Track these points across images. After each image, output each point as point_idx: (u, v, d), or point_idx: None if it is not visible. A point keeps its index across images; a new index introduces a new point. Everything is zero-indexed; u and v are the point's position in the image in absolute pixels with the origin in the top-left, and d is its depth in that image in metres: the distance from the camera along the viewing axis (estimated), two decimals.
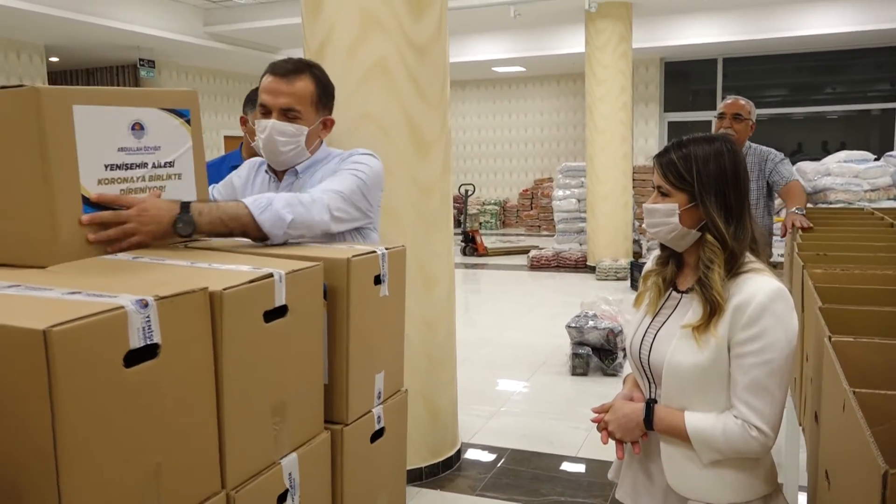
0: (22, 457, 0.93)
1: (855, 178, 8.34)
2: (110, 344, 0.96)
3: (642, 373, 1.55)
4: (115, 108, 1.38)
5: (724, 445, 1.39)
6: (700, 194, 1.43)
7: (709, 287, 1.40)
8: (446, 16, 3.37)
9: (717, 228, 1.42)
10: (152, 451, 1.04)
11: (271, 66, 1.85)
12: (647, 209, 1.50)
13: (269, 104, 1.82)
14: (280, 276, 1.25)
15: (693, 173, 1.43)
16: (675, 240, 1.49)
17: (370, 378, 1.54)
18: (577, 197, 9.82)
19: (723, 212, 1.42)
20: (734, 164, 1.44)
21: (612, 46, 8.68)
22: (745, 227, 1.44)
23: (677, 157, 1.46)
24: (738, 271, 1.42)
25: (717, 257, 1.41)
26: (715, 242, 1.42)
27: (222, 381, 1.15)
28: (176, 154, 1.51)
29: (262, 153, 1.88)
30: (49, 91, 1.26)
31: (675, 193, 1.46)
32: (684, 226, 1.46)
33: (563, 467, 3.59)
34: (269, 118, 1.82)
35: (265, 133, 1.81)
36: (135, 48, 9.92)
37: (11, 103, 1.27)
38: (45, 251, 1.28)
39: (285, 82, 1.82)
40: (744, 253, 1.43)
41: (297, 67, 1.84)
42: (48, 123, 1.25)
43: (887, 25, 9.67)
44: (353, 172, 1.79)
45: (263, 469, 1.26)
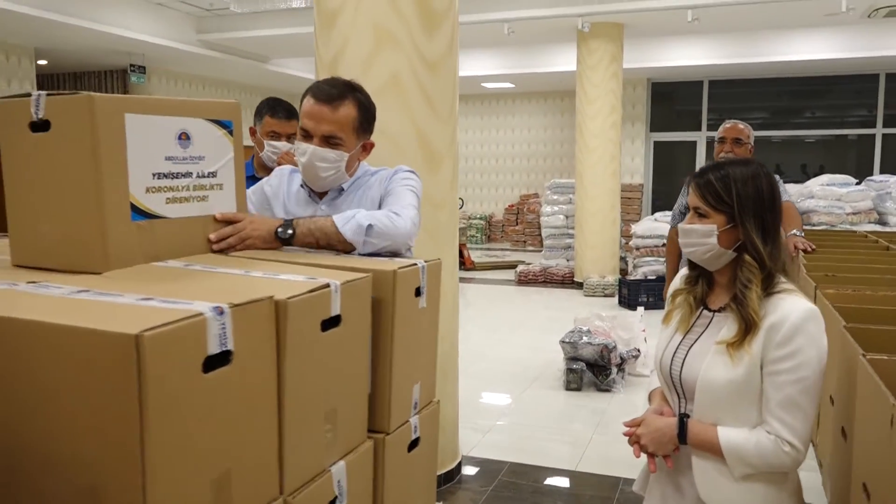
0: (106, 461, 0.94)
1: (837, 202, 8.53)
2: (192, 349, 0.98)
3: (672, 388, 1.59)
4: (163, 117, 1.39)
5: (756, 460, 1.44)
6: (740, 216, 1.48)
7: (746, 306, 1.44)
8: (457, 32, 3.43)
9: (755, 249, 1.47)
10: (224, 457, 1.06)
11: (315, 89, 1.84)
12: (684, 229, 1.54)
13: (311, 130, 1.82)
14: (336, 286, 1.28)
15: (732, 195, 1.48)
16: (710, 260, 1.54)
17: (409, 388, 1.57)
18: (565, 213, 9.91)
19: (760, 233, 1.47)
20: (770, 185, 1.49)
21: (603, 66, 8.81)
22: (780, 248, 1.49)
23: (715, 179, 1.50)
24: (771, 291, 1.47)
25: (755, 277, 1.46)
26: (753, 263, 1.47)
27: (284, 388, 1.18)
28: (218, 164, 1.52)
29: (303, 175, 1.91)
30: (103, 99, 1.28)
31: (714, 215, 1.51)
32: (722, 246, 1.50)
33: (562, 481, 3.62)
34: (310, 142, 1.83)
35: (305, 157, 1.83)
36: (126, 53, 9.87)
37: (65, 110, 1.28)
38: (94, 258, 1.29)
39: (329, 109, 1.81)
40: (779, 273, 1.48)
41: (340, 93, 1.83)
42: (101, 131, 1.27)
43: (866, 54, 9.92)
44: (411, 189, 1.84)
45: (316, 476, 1.28)
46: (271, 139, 2.93)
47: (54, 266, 1.32)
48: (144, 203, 1.35)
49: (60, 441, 0.96)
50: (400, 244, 1.75)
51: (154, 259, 1.37)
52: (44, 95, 1.30)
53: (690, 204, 1.55)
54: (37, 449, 0.98)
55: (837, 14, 7.78)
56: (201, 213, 1.48)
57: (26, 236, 1.36)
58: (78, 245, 1.30)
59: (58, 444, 0.96)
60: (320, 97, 1.82)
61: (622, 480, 3.55)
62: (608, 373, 4.97)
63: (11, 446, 0.99)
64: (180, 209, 1.43)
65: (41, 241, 1.34)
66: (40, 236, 1.34)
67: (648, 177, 12.96)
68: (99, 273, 1.28)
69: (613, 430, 4.35)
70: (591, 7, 8.14)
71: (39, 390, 0.96)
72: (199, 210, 1.47)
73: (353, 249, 1.67)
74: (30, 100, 1.30)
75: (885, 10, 7.88)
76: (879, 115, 11.63)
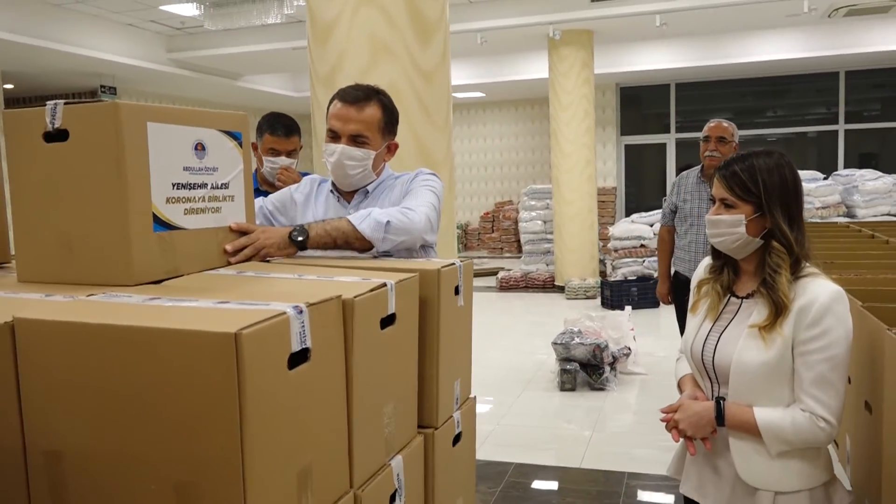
0: (205, 458, 0.97)
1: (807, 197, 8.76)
2: (279, 347, 1.02)
3: (705, 374, 1.66)
4: (181, 126, 1.37)
5: (793, 437, 1.51)
6: (767, 204, 1.55)
7: (776, 290, 1.52)
8: (449, 42, 3.50)
9: (784, 236, 1.54)
10: (306, 451, 1.10)
11: (341, 94, 1.93)
12: (711, 220, 1.61)
13: (339, 130, 1.91)
14: (391, 285, 1.32)
15: (759, 185, 1.55)
16: (738, 248, 1.61)
17: (452, 384, 1.62)
18: (543, 218, 10.03)
19: (787, 220, 1.55)
20: (793, 174, 1.57)
21: (575, 72, 8.97)
22: (805, 234, 1.57)
23: (741, 170, 1.58)
24: (798, 275, 1.54)
25: (784, 262, 1.53)
26: (782, 249, 1.54)
27: (351, 384, 1.22)
28: (230, 176, 1.52)
29: (332, 175, 1.97)
30: (127, 106, 1.26)
31: (741, 205, 1.58)
32: (750, 235, 1.57)
33: (569, 478, 3.68)
34: (338, 143, 1.90)
35: (334, 157, 1.90)
36: (96, 74, 9.78)
37: (86, 119, 1.26)
38: (118, 270, 1.27)
39: (355, 109, 1.90)
40: (807, 257, 1.56)
41: (366, 94, 1.93)
42: (126, 140, 1.25)
43: (826, 52, 10.23)
44: (430, 189, 1.88)
45: (378, 470, 1.32)
46: (271, 156, 2.97)
47: (71, 280, 1.30)
48: (165, 214, 1.34)
49: (159, 443, 0.98)
50: (416, 240, 1.80)
51: (174, 271, 1.35)
52: (61, 104, 1.28)
53: (717, 195, 1.62)
54: (134, 452, 1.00)
55: (799, 14, 8.03)
56: (215, 224, 1.47)
57: (36, 251, 1.33)
58: (100, 258, 1.28)
59: (156, 445, 0.99)
60: (347, 99, 1.91)
61: (627, 475, 3.63)
62: (601, 372, 5.06)
63: (106, 450, 1.02)
64: (197, 220, 1.42)
65: (55, 254, 1.31)
66: (54, 250, 1.31)
67: (621, 180, 13.16)
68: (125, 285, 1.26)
69: (611, 427, 4.43)
70: (561, 15, 8.29)
71: (134, 394, 0.99)
72: (213, 222, 1.46)
73: (371, 247, 1.70)
74: (44, 109, 1.28)
75: (845, 10, 8.15)
76: (840, 112, 11.98)
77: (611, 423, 4.51)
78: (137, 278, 1.28)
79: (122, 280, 1.27)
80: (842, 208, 8.53)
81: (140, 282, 1.28)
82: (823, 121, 12.34)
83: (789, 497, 1.55)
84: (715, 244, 1.64)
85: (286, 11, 7.15)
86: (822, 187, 8.53)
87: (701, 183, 3.76)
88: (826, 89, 12.14)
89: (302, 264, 1.54)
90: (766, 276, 1.56)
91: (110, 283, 1.26)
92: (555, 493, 3.54)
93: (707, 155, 3.70)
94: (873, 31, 9.87)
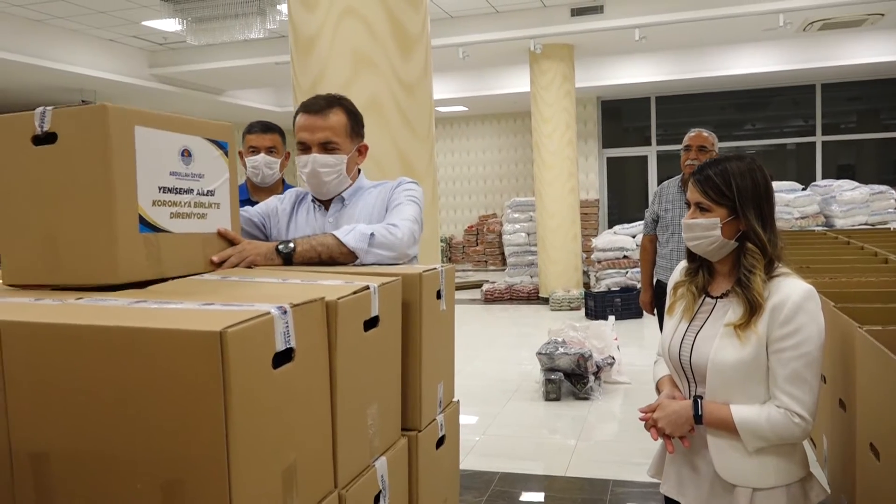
0: (191, 456, 0.98)
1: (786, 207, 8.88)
2: (264, 346, 1.04)
3: (683, 373, 1.70)
4: (168, 132, 1.39)
5: (769, 433, 1.54)
6: (741, 207, 1.60)
7: (751, 289, 1.56)
8: (431, 55, 3.54)
9: (758, 237, 1.59)
10: (290, 450, 1.11)
11: (304, 106, 1.98)
12: (687, 224, 1.66)
13: (308, 140, 1.94)
14: (374, 288, 1.34)
15: (732, 188, 1.60)
16: (714, 251, 1.65)
17: (435, 387, 1.64)
18: (527, 231, 10.09)
19: (760, 221, 1.59)
20: (764, 177, 1.62)
21: (556, 85, 9.06)
22: (777, 235, 1.62)
23: (715, 174, 1.62)
24: (771, 275, 1.59)
25: (759, 262, 1.58)
26: (756, 250, 1.59)
27: (335, 385, 1.23)
28: (216, 184, 1.53)
29: (308, 185, 2.00)
30: (115, 110, 1.27)
31: (716, 208, 1.62)
32: (725, 237, 1.62)
33: (554, 487, 3.69)
34: (310, 153, 1.94)
35: (308, 168, 1.93)
36: (77, 90, 9.75)
37: (75, 122, 1.27)
38: (103, 270, 1.28)
39: (321, 118, 1.94)
40: (780, 258, 1.60)
41: (328, 103, 1.98)
42: (114, 142, 1.26)
43: (803, 66, 10.42)
44: (412, 199, 1.91)
45: (363, 470, 1.33)
46: (251, 154, 3.04)
47: (56, 282, 1.31)
48: (151, 216, 1.35)
49: (145, 442, 1.00)
50: (400, 256, 1.83)
51: (159, 273, 1.37)
52: (50, 109, 1.30)
53: (692, 200, 1.67)
54: (120, 452, 1.01)
55: (775, 28, 8.18)
56: (201, 230, 1.48)
57: (22, 254, 1.34)
58: (86, 257, 1.29)
59: (142, 444, 1.00)
60: (311, 109, 1.95)
61: (612, 482, 3.65)
62: (585, 381, 5.08)
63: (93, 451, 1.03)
64: (183, 224, 1.43)
65: (41, 256, 1.32)
66: (40, 252, 1.32)
67: (604, 192, 13.26)
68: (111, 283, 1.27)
69: (596, 436, 4.46)
70: (542, 29, 8.39)
71: (120, 394, 1.00)
72: (198, 227, 1.48)
73: (356, 260, 1.73)
74: (32, 114, 1.30)
75: (819, 24, 8.32)
76: (818, 124, 12.17)
77: (595, 431, 4.53)
78: (123, 277, 1.28)
79: (108, 279, 1.27)
80: (820, 218, 8.66)
81: (126, 281, 1.29)
82: (801, 133, 12.54)
83: (767, 493, 1.58)
84: (691, 247, 1.68)
85: (269, 26, 7.17)
86: (800, 198, 8.66)
87: (682, 192, 3.82)
88: (803, 102, 12.34)
89: (286, 270, 1.56)
90: (741, 276, 1.60)
91: (96, 282, 1.27)
92: (541, 501, 3.55)
93: (688, 164, 3.76)
94: (847, 44, 10.06)
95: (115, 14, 7.92)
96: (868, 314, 1.63)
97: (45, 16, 7.88)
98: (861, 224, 8.36)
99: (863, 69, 10.61)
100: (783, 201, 8.45)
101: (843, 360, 1.57)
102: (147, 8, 7.64)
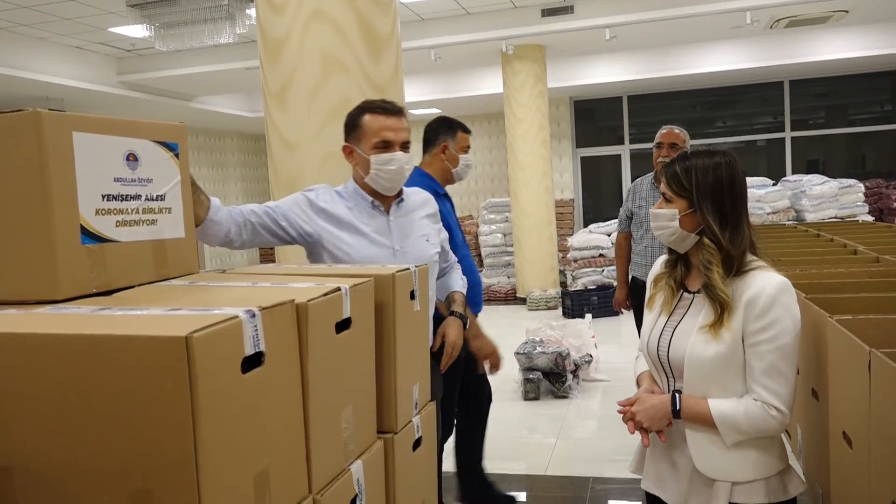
0: (159, 464, 0.96)
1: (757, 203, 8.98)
2: (232, 351, 1.02)
3: (661, 368, 1.70)
4: (110, 137, 1.31)
5: (747, 426, 1.55)
6: (698, 201, 1.62)
7: (713, 287, 1.57)
8: (402, 56, 3.53)
9: (712, 232, 1.61)
10: (262, 455, 1.09)
11: (383, 107, 2.12)
12: (653, 213, 1.68)
13: (393, 139, 2.11)
14: (346, 289, 1.33)
15: (692, 182, 1.62)
16: (676, 241, 1.67)
17: (410, 389, 1.62)
18: (503, 231, 10.11)
19: (718, 217, 1.61)
20: (731, 175, 1.63)
21: (528, 86, 9.09)
22: (741, 232, 1.63)
23: (680, 169, 1.65)
24: (744, 270, 1.60)
25: (714, 258, 1.59)
26: (711, 245, 1.60)
27: (307, 389, 1.22)
28: (167, 188, 1.45)
29: (383, 182, 2.12)
30: (50, 116, 1.20)
31: (677, 200, 1.65)
32: (684, 229, 1.64)
33: (535, 486, 3.70)
34: (393, 151, 2.08)
35: (395, 165, 2.09)
36: (43, 99, 9.58)
37: (9, 128, 1.20)
38: (42, 284, 1.21)
39: (401, 119, 2.11)
40: (742, 255, 1.61)
41: (399, 107, 2.17)
42: (50, 149, 1.19)
43: (770, 63, 10.56)
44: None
45: (338, 475, 1.32)
46: (465, 153, 3.15)
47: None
48: (94, 226, 1.28)
49: (112, 451, 0.97)
50: None
51: (105, 285, 1.30)
52: None
53: (661, 190, 1.70)
54: (86, 463, 0.99)
55: (743, 26, 8.29)
56: (150, 237, 1.41)
57: None
58: (23, 271, 1.22)
59: (109, 454, 0.97)
60: (391, 111, 2.12)
61: (591, 479, 3.66)
62: (564, 380, 5.10)
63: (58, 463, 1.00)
64: (130, 233, 1.35)
65: None
66: None
67: (578, 191, 13.33)
68: (47, 301, 1.20)
69: (575, 434, 4.47)
70: (513, 30, 8.41)
71: (85, 404, 0.98)
72: (148, 234, 1.39)
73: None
74: None
75: (786, 21, 8.43)
76: (787, 119, 12.34)
77: (575, 429, 4.54)
78: (65, 293, 1.21)
79: (49, 295, 1.20)
80: (791, 213, 8.78)
81: (68, 296, 1.22)
82: (770, 129, 12.70)
83: (745, 486, 1.58)
84: (657, 236, 1.72)
85: (238, 31, 7.11)
86: (771, 193, 8.77)
87: (655, 189, 3.84)
88: (772, 98, 12.50)
89: (256, 273, 1.54)
90: (704, 274, 1.61)
91: (36, 299, 1.20)
92: (522, 501, 3.54)
93: (660, 161, 3.78)
94: (814, 41, 10.22)
95: (81, 21, 7.81)
96: (839, 304, 1.64)
97: (9, 23, 7.74)
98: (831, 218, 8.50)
99: (829, 65, 10.78)
100: (754, 197, 8.56)
101: (815, 349, 1.58)
102: (114, 14, 7.54)
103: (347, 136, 2.21)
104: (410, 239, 2.22)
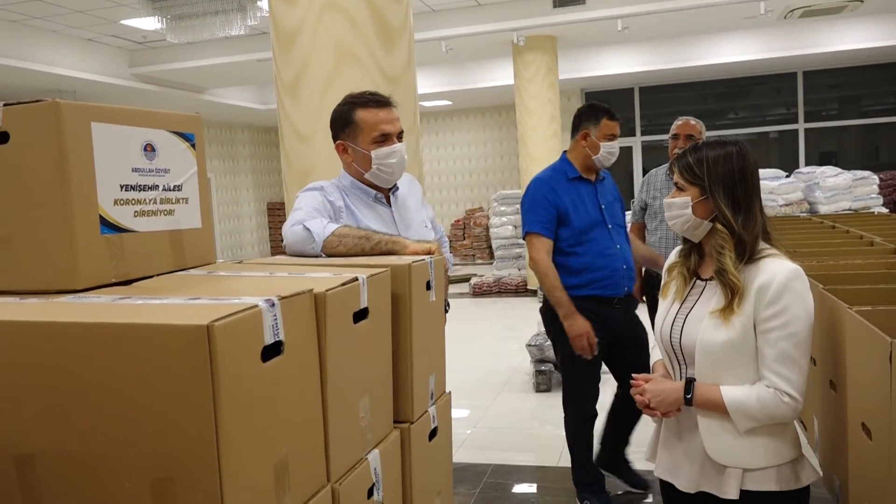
0: (181, 452, 0.97)
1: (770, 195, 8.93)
2: (252, 339, 1.03)
3: (673, 355, 1.70)
4: (128, 127, 1.32)
5: (759, 413, 1.55)
6: (710, 187, 1.62)
7: (725, 272, 1.57)
8: (413, 48, 3.52)
9: (725, 218, 1.61)
10: (282, 443, 1.10)
11: (374, 100, 2.07)
12: (667, 203, 1.70)
13: (391, 131, 2.08)
14: (363, 280, 1.33)
15: (704, 169, 1.63)
16: (690, 229, 1.68)
17: (426, 379, 1.63)
18: (514, 223, 10.09)
19: (731, 202, 1.61)
20: (742, 163, 1.63)
21: (540, 78, 9.05)
22: (754, 218, 1.63)
23: (692, 159, 1.66)
24: (756, 257, 1.60)
25: (727, 243, 1.60)
26: (724, 230, 1.61)
27: (326, 378, 1.22)
28: (184, 178, 1.46)
29: (385, 175, 2.10)
30: (69, 106, 1.21)
31: (689, 188, 1.67)
32: (697, 217, 1.65)
33: (547, 478, 3.70)
34: (392, 143, 2.06)
35: (397, 158, 2.07)
36: (56, 91, 9.63)
37: (27, 120, 1.21)
38: (63, 275, 1.22)
39: (394, 110, 2.09)
40: (754, 241, 1.61)
41: (388, 98, 2.12)
42: (68, 140, 1.20)
43: (784, 53, 10.47)
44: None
45: (356, 464, 1.32)
46: (609, 140, 3.08)
47: (14, 285, 1.24)
48: (113, 216, 1.28)
49: (134, 439, 0.98)
50: None
51: (124, 275, 1.30)
52: (0, 105, 1.23)
53: (675, 180, 1.70)
54: (108, 450, 1.00)
55: (756, 17, 8.21)
56: (168, 227, 1.41)
57: None
58: (43, 261, 1.23)
59: (131, 442, 0.98)
60: (383, 103, 2.08)
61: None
62: None
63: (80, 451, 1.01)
64: (148, 223, 1.36)
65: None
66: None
67: None
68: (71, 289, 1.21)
69: None
70: (524, 21, 8.38)
71: (107, 392, 0.99)
72: (165, 224, 1.40)
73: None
74: None
75: (800, 11, 8.35)
76: (800, 111, 12.24)
77: None
78: (85, 282, 1.22)
79: (69, 284, 1.22)
80: (804, 205, 8.71)
81: (88, 286, 1.23)
82: (784, 120, 12.61)
83: (757, 473, 1.58)
84: (671, 226, 1.73)
85: (250, 23, 7.12)
86: (784, 185, 8.70)
87: (669, 179, 3.82)
88: (785, 89, 12.41)
89: (273, 263, 1.54)
90: (717, 259, 1.62)
91: (56, 288, 1.21)
92: (533, 492, 3.55)
93: (676, 152, 3.76)
94: (828, 31, 10.12)
95: (93, 13, 7.83)
96: (856, 295, 1.63)
97: (22, 16, 7.78)
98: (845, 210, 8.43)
99: (843, 56, 10.68)
100: (767, 189, 8.49)
101: (832, 341, 1.57)
102: (126, 6, 7.56)
103: (339, 134, 2.13)
104: (413, 227, 2.20)
